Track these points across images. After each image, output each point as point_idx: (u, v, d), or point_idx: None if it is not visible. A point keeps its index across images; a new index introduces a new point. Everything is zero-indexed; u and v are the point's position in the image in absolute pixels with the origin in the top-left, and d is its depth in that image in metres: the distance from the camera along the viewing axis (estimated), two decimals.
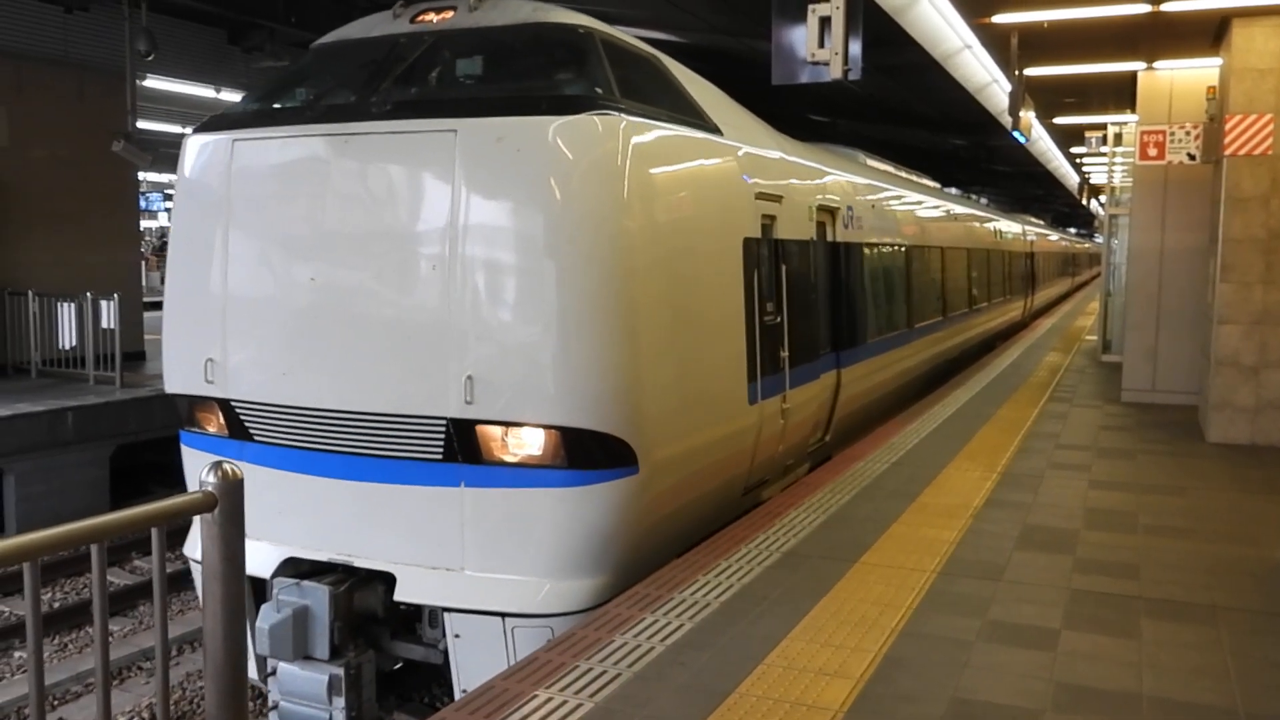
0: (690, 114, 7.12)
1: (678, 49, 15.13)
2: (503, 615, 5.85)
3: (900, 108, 19.52)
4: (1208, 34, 10.56)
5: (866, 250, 11.14)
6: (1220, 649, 4.80)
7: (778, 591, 5.46)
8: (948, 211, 17.06)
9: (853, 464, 8.60)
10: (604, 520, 5.92)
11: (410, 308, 5.91)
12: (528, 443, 5.84)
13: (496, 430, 5.83)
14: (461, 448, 5.89)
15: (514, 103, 5.93)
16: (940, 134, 23.28)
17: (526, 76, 6.43)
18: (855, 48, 6.95)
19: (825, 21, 6.90)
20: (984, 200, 36.91)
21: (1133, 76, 12.66)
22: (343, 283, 6.07)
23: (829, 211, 9.88)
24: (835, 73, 6.94)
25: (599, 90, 6.14)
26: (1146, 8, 9.57)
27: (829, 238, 9.88)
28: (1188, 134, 11.80)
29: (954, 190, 31.29)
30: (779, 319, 8.08)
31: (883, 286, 11.98)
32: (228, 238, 6.41)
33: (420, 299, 5.88)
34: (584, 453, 5.78)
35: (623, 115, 5.99)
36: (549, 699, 4.16)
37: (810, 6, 6.92)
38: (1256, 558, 6.24)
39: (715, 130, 7.32)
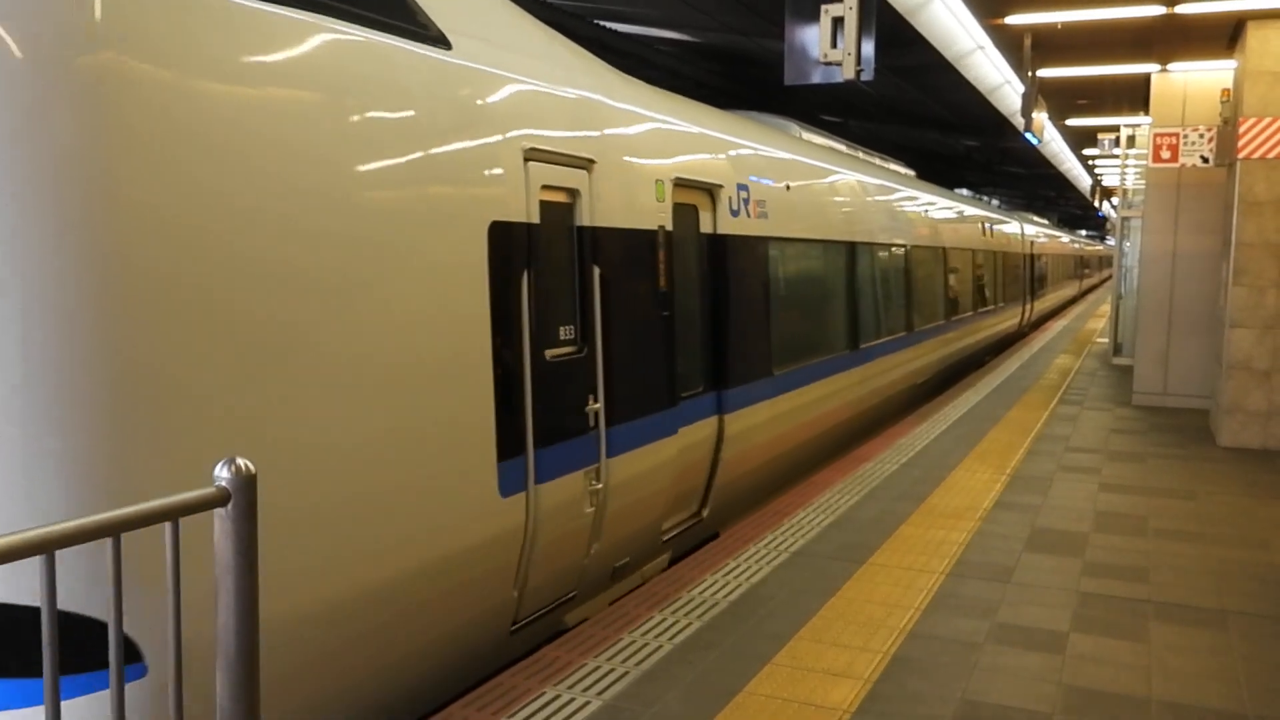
0: (377, 7, 4.24)
1: (690, 48, 15.16)
2: None
3: (912, 109, 19.51)
4: (1223, 36, 10.53)
5: (773, 248, 8.24)
6: (1230, 653, 4.79)
7: (785, 591, 5.47)
8: (916, 203, 14.06)
9: (861, 465, 8.60)
10: None
11: None
12: None
13: None
14: None
15: None
16: (952, 135, 23.26)
17: None
18: (868, 48, 6.98)
19: (838, 22, 6.93)
20: (995, 202, 36.70)
21: (1146, 78, 12.64)
22: None
23: (705, 191, 7.12)
24: (848, 73, 6.97)
25: None
26: (1161, 9, 9.55)
27: (705, 228, 7.14)
28: (1201, 137, 11.78)
29: (964, 191, 31.13)
30: (584, 351, 5.45)
31: (804, 297, 9.15)
32: None
33: None
34: (24, 649, 3.04)
35: None
36: (556, 696, 4.18)
37: (823, 7, 6.94)
38: (1267, 562, 6.23)
39: (437, 40, 4.51)
